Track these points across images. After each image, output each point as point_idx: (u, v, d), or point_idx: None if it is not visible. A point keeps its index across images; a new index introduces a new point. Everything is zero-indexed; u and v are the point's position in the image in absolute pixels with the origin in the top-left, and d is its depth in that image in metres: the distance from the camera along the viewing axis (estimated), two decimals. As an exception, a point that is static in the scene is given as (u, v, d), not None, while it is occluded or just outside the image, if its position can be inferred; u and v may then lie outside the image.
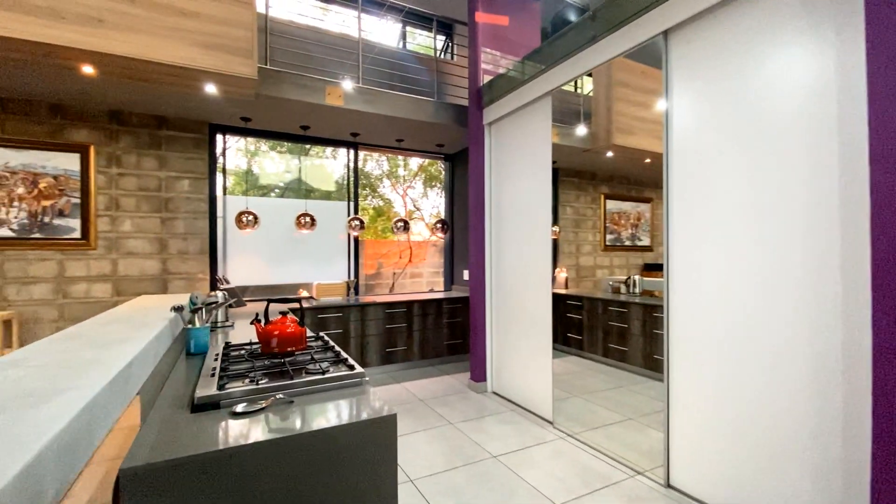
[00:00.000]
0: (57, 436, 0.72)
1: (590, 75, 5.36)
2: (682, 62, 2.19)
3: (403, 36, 5.41)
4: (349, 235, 4.86)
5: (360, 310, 4.27)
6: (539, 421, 3.17)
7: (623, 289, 5.02)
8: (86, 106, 3.68)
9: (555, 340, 5.38)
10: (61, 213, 3.62)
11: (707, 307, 2.08)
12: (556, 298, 5.42)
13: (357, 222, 4.55)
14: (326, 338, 2.21)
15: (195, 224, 4.08)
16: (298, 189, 5.13)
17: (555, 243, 6.24)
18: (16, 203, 3.48)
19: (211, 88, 3.27)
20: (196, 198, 4.09)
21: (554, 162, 5.84)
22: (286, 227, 4.54)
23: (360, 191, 9.93)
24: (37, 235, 3.54)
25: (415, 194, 9.31)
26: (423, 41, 5.94)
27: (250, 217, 4.07)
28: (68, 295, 3.64)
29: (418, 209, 8.58)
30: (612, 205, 6.69)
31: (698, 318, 2.12)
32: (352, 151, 4.93)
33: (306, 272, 4.70)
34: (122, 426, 1.27)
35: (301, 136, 4.65)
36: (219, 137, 4.30)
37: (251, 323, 2.10)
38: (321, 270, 4.78)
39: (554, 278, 5.82)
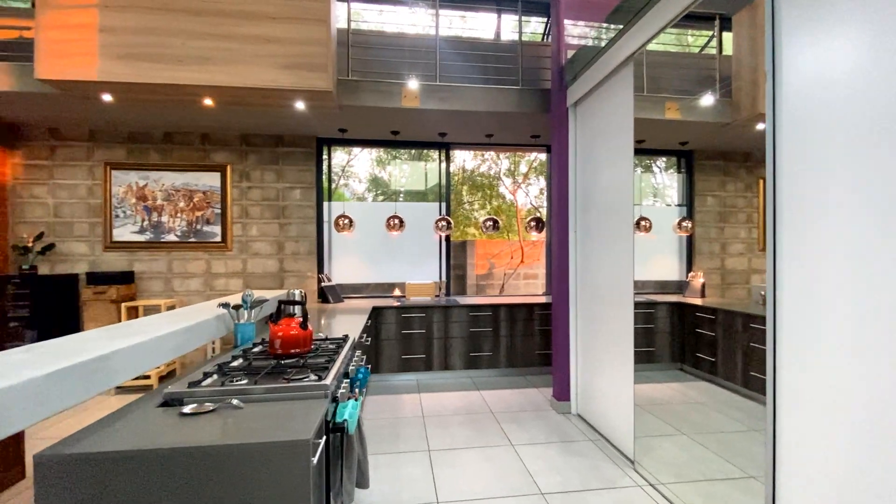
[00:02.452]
0: None
1: (729, 30, 4.25)
2: (795, -25, 1.48)
3: (499, 20, 5.15)
4: (440, 236, 4.84)
5: (443, 311, 4.21)
6: (619, 458, 2.60)
7: (778, 301, 3.83)
8: (224, 133, 4.47)
9: (681, 360, 4.45)
10: (208, 222, 4.47)
11: (836, 347, 1.36)
12: (684, 309, 4.46)
13: (444, 223, 4.50)
14: (345, 342, 2.18)
15: (305, 228, 4.59)
16: (422, 192, 5.36)
17: (689, 242, 5.17)
18: (179, 214, 4.43)
19: (300, 105, 3.61)
20: (306, 205, 4.59)
21: (684, 143, 4.85)
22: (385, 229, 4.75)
23: (478, 191, 9.87)
24: (192, 240, 4.45)
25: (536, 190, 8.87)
26: (517, 26, 5.57)
27: (346, 221, 4.38)
28: (213, 288, 4.48)
29: (537, 207, 8.15)
30: (774, 191, 5.20)
31: (819, 365, 1.41)
32: (443, 152, 4.91)
33: (402, 272, 4.85)
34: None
35: (392, 142, 4.82)
36: (324, 150, 4.75)
37: (266, 322, 2.19)
38: (416, 270, 4.87)
39: (686, 284, 4.83)
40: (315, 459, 1.23)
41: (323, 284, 4.38)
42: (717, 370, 3.99)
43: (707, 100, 3.87)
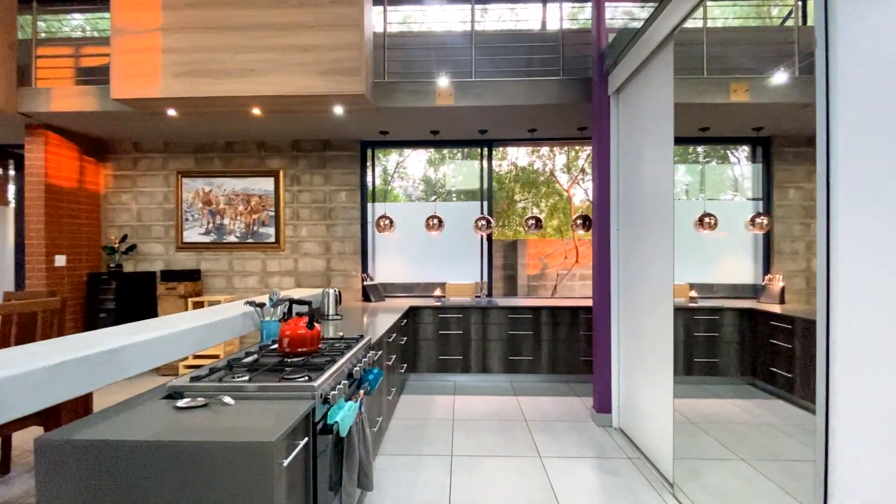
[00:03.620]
0: None
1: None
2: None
3: (545, 9, 4.92)
4: (481, 235, 4.74)
5: (481, 312, 4.11)
6: (657, 480, 2.34)
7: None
8: (277, 140, 4.75)
9: (752, 374, 3.95)
10: (263, 224, 4.78)
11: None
12: (757, 317, 3.94)
13: (485, 222, 4.39)
14: (356, 342, 2.19)
15: (350, 229, 4.74)
16: (474, 191, 5.33)
17: (766, 240, 4.58)
18: (238, 217, 4.78)
19: (338, 109, 3.72)
20: (351, 206, 4.74)
21: (758, 129, 4.28)
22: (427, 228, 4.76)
23: (532, 188, 9.58)
24: (250, 240, 4.78)
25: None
26: (564, 13, 5.28)
27: (387, 221, 4.45)
28: (268, 285, 4.78)
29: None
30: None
31: (884, 381, 1.14)
32: (484, 149, 4.80)
33: (444, 272, 4.82)
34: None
35: (433, 141, 4.81)
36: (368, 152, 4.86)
37: (279, 320, 2.26)
38: (459, 270, 4.82)
39: (763, 288, 4.29)
40: (287, 461, 1.23)
41: (365, 283, 4.49)
42: (793, 387, 3.47)
43: (780, 78, 3.38)
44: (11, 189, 5.04)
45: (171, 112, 3.77)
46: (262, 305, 2.37)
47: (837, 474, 1.27)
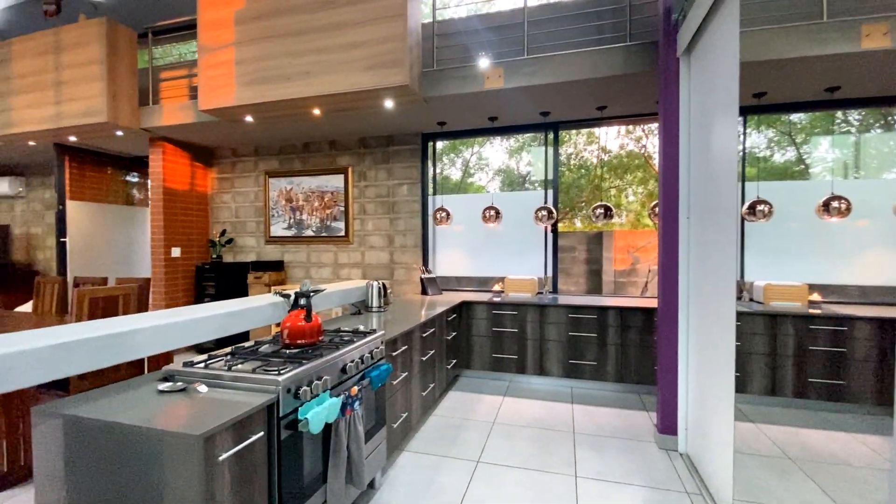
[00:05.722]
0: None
1: None
2: None
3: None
4: (545, 227, 4.40)
5: (538, 310, 3.81)
6: (716, 529, 1.90)
7: None
8: (346, 138, 4.98)
9: (892, 403, 3.03)
10: (335, 219, 5.07)
11: None
12: (887, 324, 3.01)
13: (546, 212, 4.06)
14: (362, 336, 2.15)
15: (411, 222, 4.78)
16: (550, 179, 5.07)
17: (930, 229, 3.49)
18: (314, 213, 5.14)
19: (389, 103, 3.74)
20: (412, 199, 4.77)
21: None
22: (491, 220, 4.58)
23: (626, 172, 8.73)
24: (324, 234, 5.12)
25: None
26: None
27: (444, 214, 4.38)
28: (339, 276, 5.07)
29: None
30: None
31: None
32: (550, 133, 4.42)
33: (507, 265, 4.59)
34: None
35: (493, 129, 4.58)
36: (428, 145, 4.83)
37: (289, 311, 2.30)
38: (522, 263, 4.55)
39: (922, 292, 3.29)
40: (227, 455, 1.23)
41: (422, 276, 4.49)
42: (961, 429, 2.55)
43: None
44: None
45: (249, 119, 4.17)
46: (287, 296, 2.47)
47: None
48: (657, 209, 3.64)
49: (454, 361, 3.77)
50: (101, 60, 4.27)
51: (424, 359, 2.98)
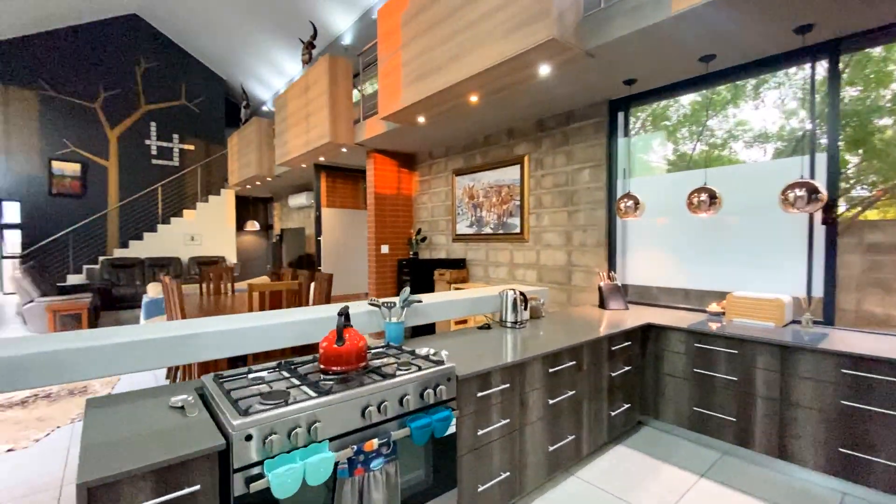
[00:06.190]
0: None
1: None
2: None
3: None
4: (811, 216, 2.69)
5: (781, 353, 2.34)
6: None
7: None
8: (523, 124, 4.46)
9: None
10: (511, 214, 4.63)
11: None
12: None
13: (803, 192, 2.45)
14: (408, 370, 1.69)
15: (593, 215, 3.86)
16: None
17: None
18: (492, 209, 4.84)
19: (545, 69, 3.04)
20: (594, 187, 3.84)
21: None
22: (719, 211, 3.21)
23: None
24: (500, 232, 4.76)
25: None
26: None
27: (630, 203, 3.30)
28: (515, 278, 4.62)
29: None
30: None
31: None
32: (820, 62, 2.66)
33: (736, 276, 3.10)
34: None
35: (710, 75, 3.09)
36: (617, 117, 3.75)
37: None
38: (763, 275, 2.98)
39: None
40: (133, 507, 1.04)
41: (601, 284, 3.51)
42: None
43: None
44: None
45: (421, 119, 4.21)
46: (389, 306, 2.23)
47: None
48: None
49: (626, 406, 2.75)
50: (325, 91, 5.17)
51: (554, 401, 2.22)
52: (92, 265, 8.88)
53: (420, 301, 2.34)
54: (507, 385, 1.97)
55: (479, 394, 1.85)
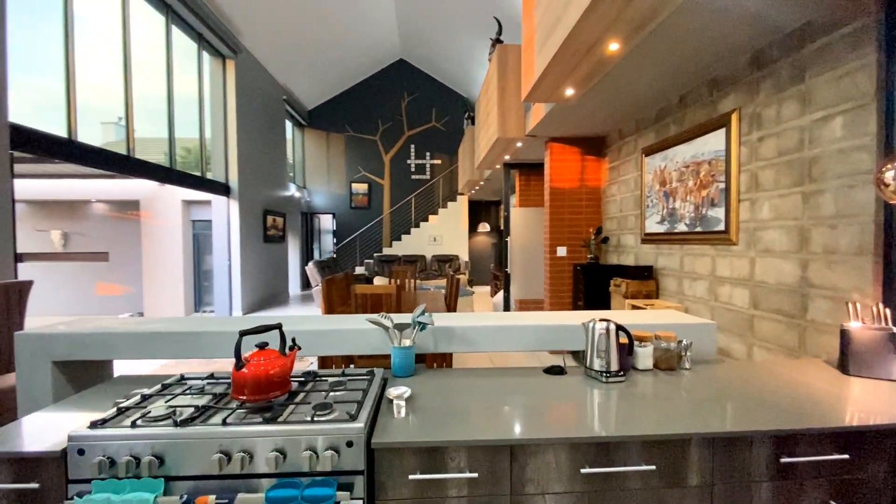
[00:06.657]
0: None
1: None
2: None
3: None
4: None
5: None
6: None
7: None
8: (730, 64, 2.95)
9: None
10: (712, 203, 3.15)
11: None
12: None
13: None
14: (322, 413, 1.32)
15: (849, 198, 2.14)
16: None
17: None
18: (687, 197, 3.44)
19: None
20: (852, 146, 2.13)
21: None
22: None
23: None
24: (698, 229, 3.32)
25: None
26: None
27: (914, 167, 1.62)
28: (717, 298, 3.12)
29: None
30: None
31: None
32: None
33: None
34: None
35: None
36: None
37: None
38: None
39: None
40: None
41: (849, 326, 1.84)
42: None
43: None
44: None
45: (569, 91, 3.41)
46: (400, 328, 1.86)
47: None
48: None
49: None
50: (495, 84, 4.91)
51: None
52: (369, 259, 11.59)
53: (431, 323, 1.82)
54: (476, 475, 1.26)
55: (413, 476, 1.25)
